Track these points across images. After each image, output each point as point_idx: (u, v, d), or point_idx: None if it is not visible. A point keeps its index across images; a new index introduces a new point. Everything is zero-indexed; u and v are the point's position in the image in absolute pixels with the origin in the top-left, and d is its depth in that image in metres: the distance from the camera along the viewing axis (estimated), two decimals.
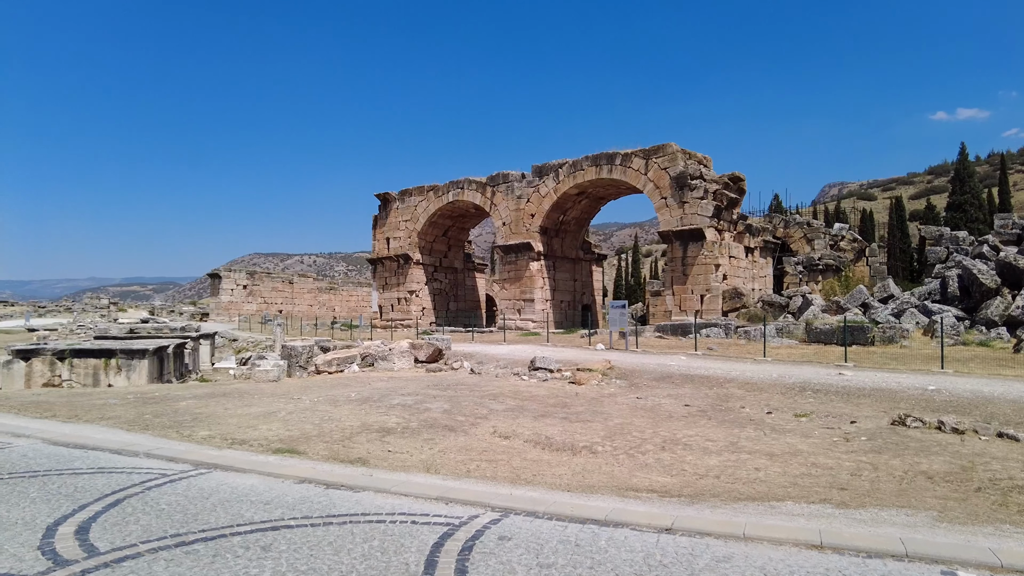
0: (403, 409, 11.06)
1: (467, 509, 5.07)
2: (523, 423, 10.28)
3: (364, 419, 10.10)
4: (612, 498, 5.76)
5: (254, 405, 11.81)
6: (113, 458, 6.89)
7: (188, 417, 10.52)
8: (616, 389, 14.31)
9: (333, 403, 11.87)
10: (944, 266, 25.21)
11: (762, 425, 10.21)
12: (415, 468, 7.23)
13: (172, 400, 12.70)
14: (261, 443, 8.43)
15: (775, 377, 14.51)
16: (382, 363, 19.00)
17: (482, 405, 11.78)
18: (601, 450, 8.64)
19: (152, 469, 6.39)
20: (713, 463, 7.87)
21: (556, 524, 4.67)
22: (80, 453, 7.14)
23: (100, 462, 6.70)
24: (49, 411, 11.26)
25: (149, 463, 6.69)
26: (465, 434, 9.46)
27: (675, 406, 12.09)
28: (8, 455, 6.99)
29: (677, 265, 29.68)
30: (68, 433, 8.41)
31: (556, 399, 12.75)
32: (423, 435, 9.23)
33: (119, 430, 9.19)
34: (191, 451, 7.21)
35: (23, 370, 17.89)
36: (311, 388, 14.57)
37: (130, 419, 10.35)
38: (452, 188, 38.37)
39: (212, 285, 51.31)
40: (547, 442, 9.10)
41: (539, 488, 6.07)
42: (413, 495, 5.46)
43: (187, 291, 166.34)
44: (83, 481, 5.84)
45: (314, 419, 10.09)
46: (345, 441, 8.70)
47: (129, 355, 18.74)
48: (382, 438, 8.99)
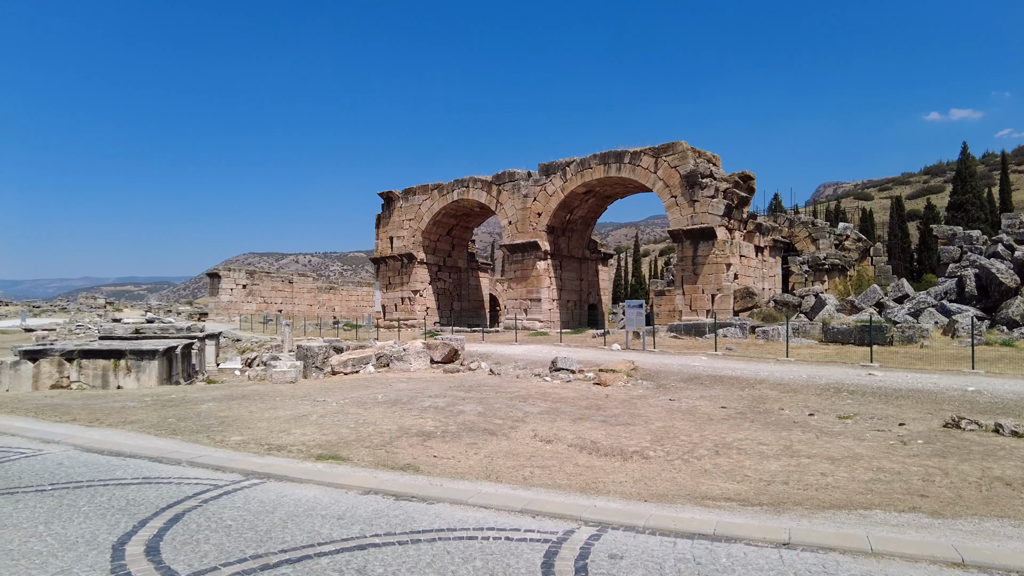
0: (436, 412, 10.73)
1: (558, 523, 4.76)
2: (562, 426, 9.98)
3: (400, 422, 9.77)
4: (696, 508, 5.47)
5: (279, 408, 11.46)
6: (155, 467, 6.53)
7: (214, 421, 10.15)
8: (644, 391, 14.02)
9: (361, 405, 11.52)
10: (957, 265, 25.08)
11: (808, 427, 9.94)
12: (471, 475, 6.91)
13: (192, 403, 12.33)
14: (300, 449, 8.09)
15: (805, 378, 14.27)
16: (398, 364, 18.65)
17: (514, 408, 11.46)
18: (653, 455, 8.34)
19: (201, 479, 6.04)
20: (774, 468, 7.59)
21: (663, 540, 4.37)
22: (119, 461, 6.77)
23: (143, 471, 6.34)
24: (68, 414, 10.87)
25: (195, 472, 6.34)
26: (506, 438, 9.15)
27: (711, 408, 11.82)
28: (44, 463, 6.62)
29: (687, 264, 29.43)
30: (98, 439, 8.03)
31: (588, 401, 12.45)
32: (464, 439, 8.91)
33: (147, 435, 8.82)
34: (235, 459, 6.86)
35: (31, 371, 17.45)
36: (332, 390, 14.21)
37: (154, 423, 9.99)
38: (457, 187, 38.01)
39: (211, 285, 50.75)
40: (593, 447, 8.80)
41: (615, 498, 5.77)
42: (493, 507, 5.14)
43: (181, 291, 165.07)
44: (132, 493, 5.49)
45: (348, 423, 9.75)
46: (387, 446, 8.36)
47: (139, 356, 18.32)
48: (423, 442, 8.66)
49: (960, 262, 24.97)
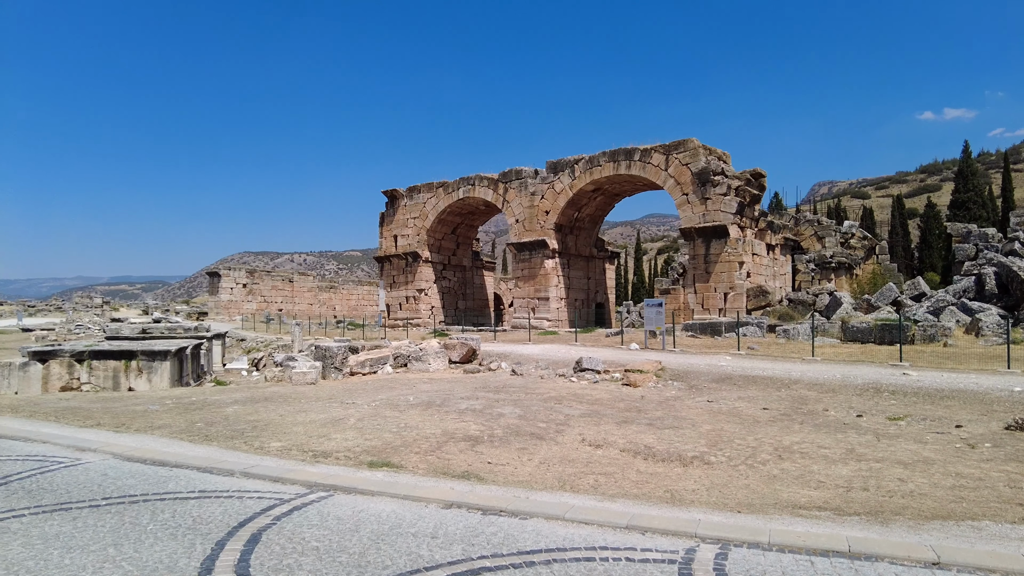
0: (475, 415, 10.37)
1: (674, 540, 4.42)
2: (608, 430, 9.65)
3: (442, 426, 9.40)
4: (802, 520, 5.14)
5: (309, 411, 11.07)
6: (208, 478, 6.14)
7: (246, 426, 9.77)
8: (677, 392, 13.71)
9: (394, 408, 11.15)
10: (973, 263, 24.90)
11: (862, 429, 9.64)
12: (536, 484, 6.56)
13: (215, 406, 11.92)
14: (348, 455, 7.72)
15: (839, 378, 13.99)
16: (416, 364, 18.28)
17: (553, 410, 11.12)
18: (715, 460, 8.02)
19: (263, 492, 5.66)
20: (845, 473, 7.27)
21: (797, 558, 4.05)
22: (166, 472, 6.37)
23: (196, 483, 5.95)
24: (90, 419, 10.45)
25: (253, 484, 5.95)
26: (555, 443, 8.80)
27: (753, 410, 11.51)
28: (87, 474, 6.22)
29: (699, 262, 29.16)
30: (134, 446, 7.63)
31: (625, 403, 12.12)
32: (513, 444, 8.56)
33: (183, 442, 8.43)
34: (292, 470, 6.46)
35: (40, 373, 16.97)
36: (356, 391, 13.83)
37: (183, 428, 9.59)
38: (462, 185, 37.62)
39: (211, 284, 50.17)
40: (648, 452, 8.47)
41: (711, 510, 5.43)
42: (595, 523, 4.79)
43: (176, 290, 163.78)
44: (194, 509, 5.11)
45: (389, 427, 9.37)
46: (437, 452, 8.01)
47: (151, 357, 17.87)
48: (472, 447, 8.31)
49: (976, 260, 24.78)
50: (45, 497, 5.36)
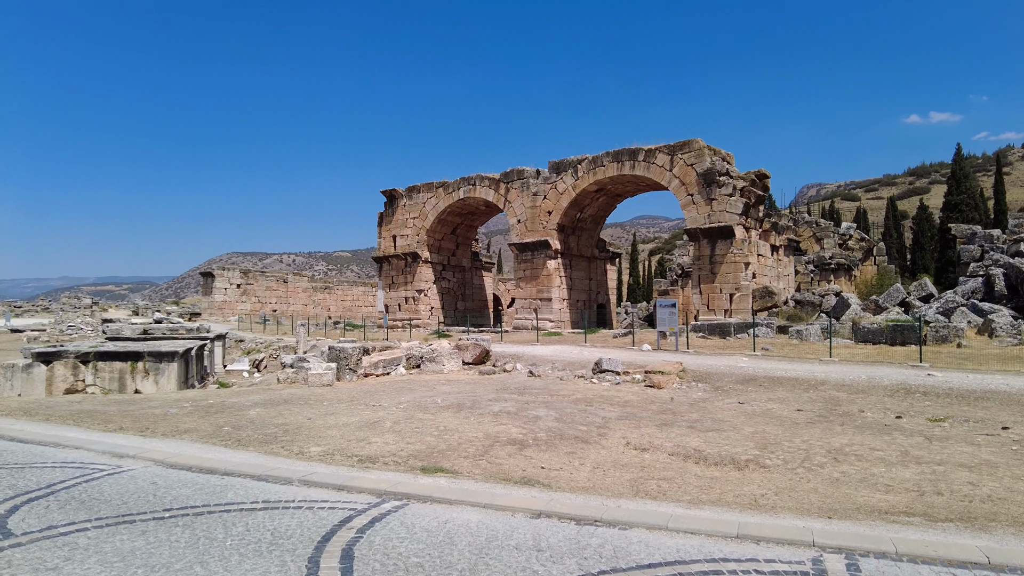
0: (511, 417, 10.12)
1: (793, 550, 4.19)
2: (650, 433, 9.43)
3: (483, 429, 9.14)
4: (899, 526, 4.94)
5: (336, 414, 10.76)
6: (266, 487, 5.82)
7: (275, 429, 9.44)
8: (704, 393, 13.53)
9: (423, 410, 10.86)
10: (979, 264, 25.00)
11: (907, 431, 9.49)
12: (601, 490, 6.33)
13: (236, 409, 11.57)
14: (395, 459, 7.44)
15: (864, 378, 13.87)
16: (430, 365, 17.98)
17: (586, 413, 10.89)
18: (770, 463, 7.82)
19: (331, 502, 5.35)
20: (909, 476, 7.10)
21: (936, 570, 3.84)
22: (219, 480, 6.05)
23: (255, 492, 5.63)
24: (110, 422, 10.07)
25: (317, 493, 5.64)
26: (600, 447, 8.57)
27: (787, 411, 11.35)
28: (135, 483, 5.89)
29: (705, 263, 29.07)
30: (173, 452, 7.29)
31: (656, 405, 11.91)
32: (560, 448, 8.31)
33: (217, 447, 8.10)
34: (355, 476, 6.13)
35: (44, 374, 16.49)
36: (376, 393, 13.51)
37: (210, 432, 9.25)
38: (463, 185, 37.33)
39: (204, 284, 49.50)
40: (698, 455, 8.26)
41: (800, 516, 5.22)
42: (702, 532, 4.55)
43: (164, 291, 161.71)
44: (266, 521, 4.79)
45: (428, 430, 9.09)
46: (486, 456, 7.74)
47: (157, 358, 17.44)
48: (520, 451, 8.05)
49: (982, 261, 24.88)
50: (101, 508, 5.03)
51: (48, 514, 4.87)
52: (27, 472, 6.25)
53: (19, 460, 6.82)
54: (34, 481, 5.88)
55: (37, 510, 4.97)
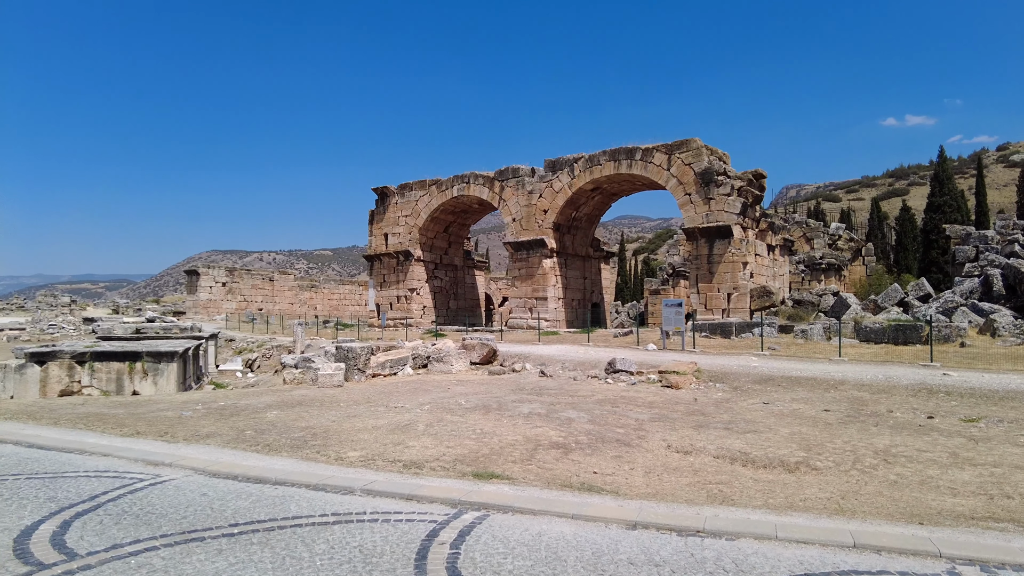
0: (544, 420, 9.87)
1: (921, 562, 4.00)
2: (688, 435, 9.25)
3: (521, 432, 8.88)
4: (1008, 535, 4.78)
5: (358, 416, 10.42)
6: (328, 498, 5.44)
7: (302, 433, 9.09)
8: (724, 394, 13.40)
9: (449, 411, 10.57)
10: (974, 264, 25.29)
11: (945, 432, 9.41)
12: (670, 496, 6.11)
13: (251, 412, 11.17)
14: (441, 465, 7.15)
15: (881, 378, 13.86)
16: (437, 365, 17.66)
17: (616, 414, 10.68)
18: (821, 465, 7.67)
19: (406, 513, 5.01)
20: (969, 479, 6.98)
21: None
22: (273, 491, 5.68)
23: (319, 504, 5.25)
24: (124, 426, 9.64)
25: (386, 503, 5.29)
26: (644, 450, 8.36)
27: (814, 411, 11.25)
28: (184, 494, 5.50)
29: (703, 262, 29.05)
30: (211, 460, 6.90)
31: (683, 406, 11.74)
32: (606, 452, 8.08)
33: (250, 453, 7.74)
34: (422, 485, 5.75)
35: (38, 375, 15.89)
36: (391, 394, 13.18)
37: (234, 437, 8.87)
38: (456, 182, 36.97)
39: (188, 282, 48.53)
40: (744, 458, 8.09)
41: (896, 523, 5.04)
42: (815, 542, 4.33)
43: (142, 289, 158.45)
44: (347, 536, 4.43)
45: (464, 433, 8.81)
46: (533, 461, 7.49)
47: (156, 358, 16.93)
48: (566, 455, 7.81)
49: (977, 261, 25.17)
50: (162, 524, 4.67)
51: (106, 530, 4.51)
52: (62, 482, 5.86)
53: (47, 469, 6.41)
54: (74, 492, 5.49)
55: (92, 526, 4.60)
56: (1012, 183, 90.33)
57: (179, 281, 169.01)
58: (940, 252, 53.20)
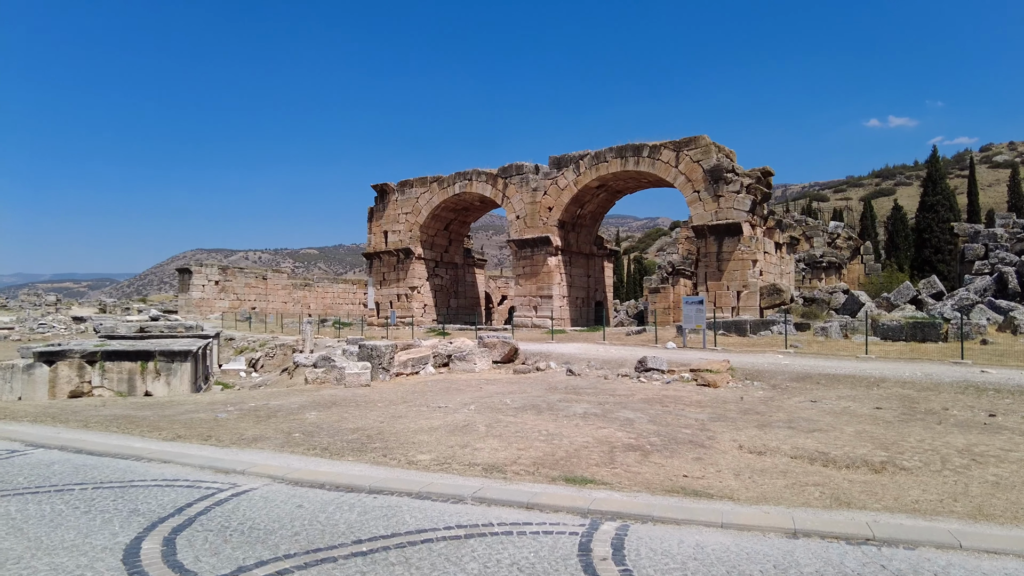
0: (603, 420, 9.50)
1: None
2: (754, 434, 8.94)
3: (589, 434, 8.50)
4: None
5: (404, 417, 9.98)
6: (442, 508, 4.89)
7: (355, 435, 8.63)
8: (765, 392, 13.13)
9: (499, 412, 10.17)
10: (984, 262, 25.37)
11: (1016, 431, 9.19)
12: (787, 500, 5.78)
13: (287, 413, 10.67)
14: (524, 469, 6.76)
15: (920, 376, 13.68)
16: (460, 364, 17.23)
17: (671, 414, 10.35)
18: (909, 465, 7.39)
19: (539, 524, 4.55)
20: None
21: None
22: (373, 500, 5.16)
23: (435, 516, 4.70)
24: (160, 429, 9.12)
25: (508, 514, 4.79)
26: (718, 451, 8.03)
27: (867, 410, 11.00)
28: (278, 507, 4.98)
29: (711, 260, 28.88)
30: (281, 465, 6.39)
31: (733, 405, 11.43)
32: (685, 454, 7.73)
33: (316, 458, 7.26)
34: (538, 494, 5.28)
35: (47, 376, 15.24)
36: (425, 393, 12.74)
37: (283, 441, 8.39)
38: (459, 179, 36.50)
39: (181, 281, 47.55)
40: (823, 457, 7.79)
41: None
42: (1003, 552, 4.02)
43: (126, 288, 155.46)
44: (488, 552, 3.97)
45: (528, 434, 8.41)
46: (616, 464, 7.11)
47: (169, 358, 16.33)
48: (646, 458, 7.45)
49: (987, 259, 25.25)
50: (277, 541, 4.16)
51: (218, 549, 4.03)
52: (134, 493, 5.36)
53: (110, 477, 5.91)
54: (155, 504, 5.02)
55: (199, 543, 4.13)
56: (996, 183, 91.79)
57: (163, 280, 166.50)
58: (933, 251, 53.71)
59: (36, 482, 5.64)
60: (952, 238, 55.06)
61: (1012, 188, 57.96)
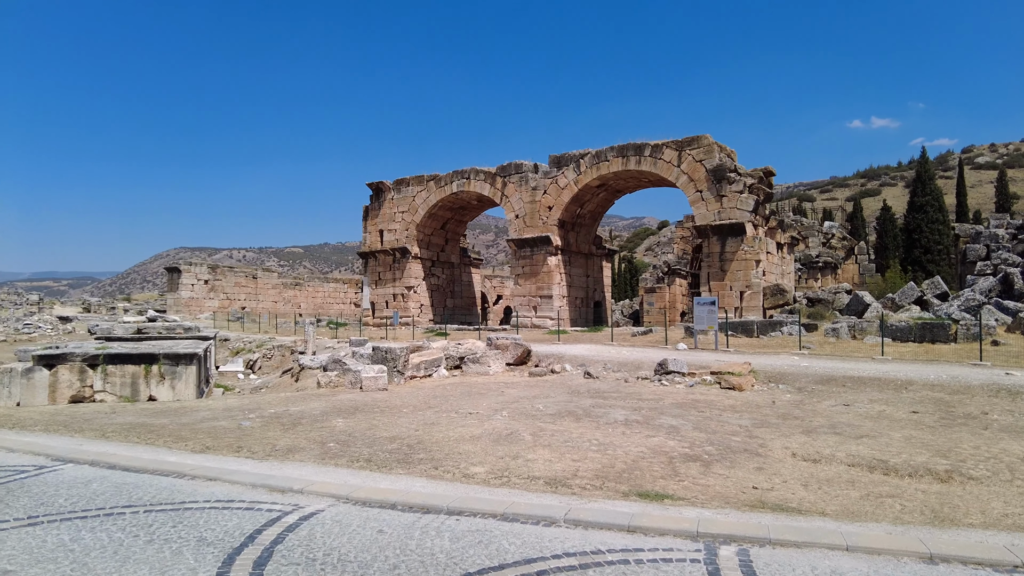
0: (649, 428, 9.20)
1: None
2: (804, 440, 8.69)
3: (641, 443, 8.19)
4: None
5: (441, 424, 9.61)
6: (535, 532, 4.45)
7: (395, 445, 8.25)
8: (793, 395, 12.92)
9: (534, 418, 9.82)
10: (986, 263, 25.48)
11: None
12: (869, 515, 5.51)
13: (312, 420, 10.24)
14: (589, 483, 6.43)
15: (946, 378, 13.55)
16: (473, 366, 16.87)
17: (711, 419, 10.07)
18: (976, 474, 7.17)
19: (652, 550, 4.19)
20: None
21: None
22: (456, 523, 4.67)
23: (532, 542, 4.26)
24: (185, 440, 8.67)
25: (612, 538, 4.39)
26: (773, 459, 7.76)
27: (904, 414, 10.82)
28: (358, 533, 4.49)
29: (714, 260, 28.76)
30: (343, 483, 5.97)
31: (767, 409, 11.20)
32: (743, 463, 7.46)
33: (364, 471, 6.89)
34: (636, 515, 4.89)
35: (46, 380, 14.63)
36: (448, 397, 12.36)
37: (320, 452, 7.97)
38: (456, 178, 36.07)
39: (170, 280, 46.61)
40: (883, 466, 7.55)
41: None
42: None
43: (107, 286, 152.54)
44: None
45: (578, 443, 8.08)
46: (679, 475, 6.81)
47: (174, 360, 15.79)
48: (708, 468, 7.16)
49: (989, 259, 25.36)
50: None
51: None
52: (191, 517, 4.91)
53: (159, 498, 5.46)
54: (219, 530, 4.58)
55: None
56: (979, 184, 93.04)
57: (146, 279, 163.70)
58: (923, 251, 54.20)
59: (80, 504, 5.20)
60: (942, 238, 55.61)
61: (999, 189, 58.74)
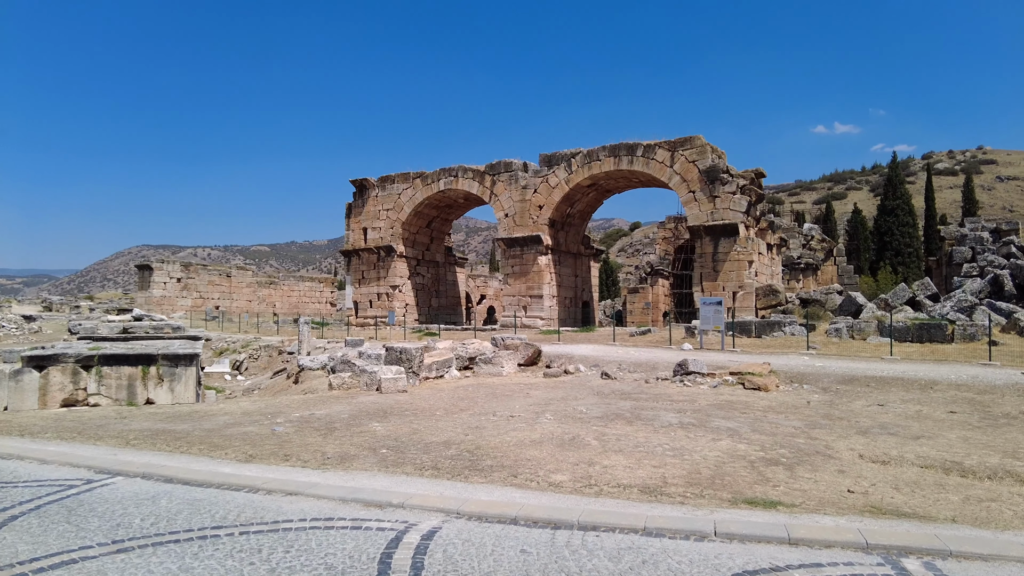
0: (707, 431, 8.92)
1: None
2: (863, 442, 8.52)
3: (714, 447, 7.88)
4: None
5: (486, 428, 9.17)
6: (694, 548, 4.00)
7: (453, 451, 7.80)
8: (820, 395, 12.83)
9: (584, 422, 9.47)
10: (972, 265, 26.05)
11: None
12: (974, 521, 5.31)
13: (346, 425, 9.71)
14: (690, 492, 6.07)
15: (967, 379, 13.64)
16: (485, 367, 16.43)
17: (759, 420, 9.86)
18: None
19: (832, 564, 3.91)
20: None
21: None
22: (595, 539, 4.18)
23: (701, 560, 3.91)
24: (217, 448, 8.07)
25: (772, 552, 4.08)
26: (844, 461, 7.56)
27: (942, 414, 10.79)
28: (495, 553, 4.00)
29: (707, 261, 28.84)
30: (441, 495, 5.45)
31: (805, 409, 11.05)
32: (823, 467, 7.22)
33: (448, 481, 6.44)
34: (794, 526, 4.54)
35: (37, 382, 13.71)
36: (476, 399, 11.92)
37: (376, 460, 7.45)
38: (443, 176, 35.52)
39: (141, 277, 44.95)
40: (958, 468, 7.41)
41: None
42: None
43: (65, 285, 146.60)
44: None
45: (648, 448, 7.74)
46: (769, 481, 6.54)
47: (173, 362, 15.00)
48: (793, 472, 6.89)
49: (975, 262, 25.94)
50: None
51: None
52: (298, 539, 4.19)
53: (246, 516, 4.76)
54: (341, 555, 3.87)
55: None
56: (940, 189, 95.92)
57: (107, 277, 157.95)
58: (894, 253, 55.58)
59: (161, 525, 4.60)
60: (912, 241, 57.01)
61: (966, 194, 60.68)
